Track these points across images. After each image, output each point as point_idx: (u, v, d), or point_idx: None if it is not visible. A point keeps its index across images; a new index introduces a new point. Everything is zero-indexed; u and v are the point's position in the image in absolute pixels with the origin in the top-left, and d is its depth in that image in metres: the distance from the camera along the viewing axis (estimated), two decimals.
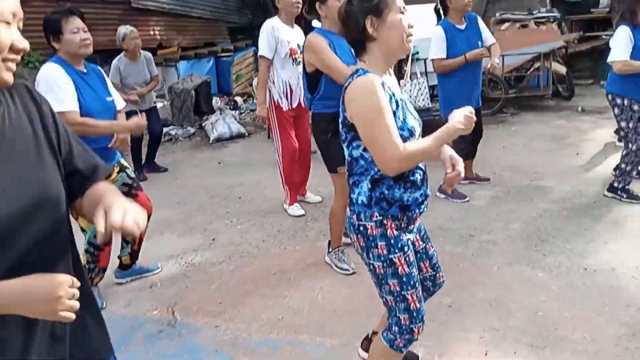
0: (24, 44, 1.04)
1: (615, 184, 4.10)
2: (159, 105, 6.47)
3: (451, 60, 4.02)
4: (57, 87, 2.63)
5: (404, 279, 1.80)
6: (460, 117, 1.72)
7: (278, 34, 3.90)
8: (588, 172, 4.80)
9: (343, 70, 2.77)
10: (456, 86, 4.10)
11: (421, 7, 6.22)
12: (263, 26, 4.00)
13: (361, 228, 1.80)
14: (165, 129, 6.79)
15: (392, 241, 1.77)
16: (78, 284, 1.03)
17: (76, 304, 1.01)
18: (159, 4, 9.39)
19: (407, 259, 1.80)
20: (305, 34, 3.56)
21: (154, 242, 3.73)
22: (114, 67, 5.22)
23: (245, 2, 11.16)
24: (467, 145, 4.27)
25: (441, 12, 4.24)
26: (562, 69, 7.69)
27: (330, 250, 3.35)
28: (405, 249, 1.80)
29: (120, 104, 3.02)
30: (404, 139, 1.68)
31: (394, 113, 1.69)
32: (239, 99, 8.79)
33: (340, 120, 1.80)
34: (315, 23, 3.26)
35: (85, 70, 2.82)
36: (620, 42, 3.75)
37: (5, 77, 1.03)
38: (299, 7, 3.91)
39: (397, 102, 1.73)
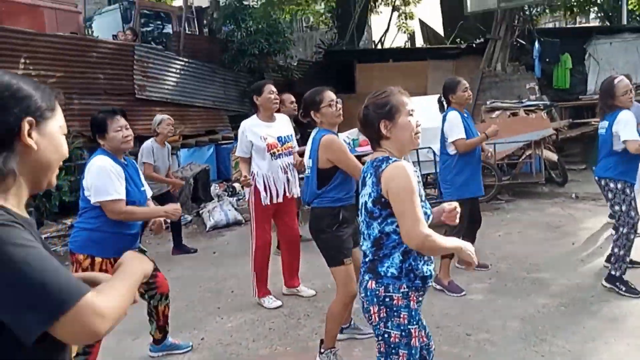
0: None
1: (612, 272, 4.04)
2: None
3: (475, 139, 4.23)
4: (107, 177, 2.87)
5: (413, 351, 2.00)
6: (471, 250, 2.03)
7: (249, 135, 4.10)
8: (584, 264, 4.74)
9: (361, 169, 2.93)
10: (471, 170, 4.27)
11: (420, 98, 6.48)
12: (240, 128, 4.23)
13: (387, 299, 1.99)
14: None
15: (413, 313, 2.00)
16: None
17: None
18: (162, 95, 9.76)
19: (419, 333, 2.03)
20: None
21: (142, 342, 3.63)
22: (148, 149, 5.41)
23: (246, 92, 11.58)
24: (466, 232, 4.32)
25: (444, 103, 4.44)
26: (554, 156, 7.84)
27: (323, 351, 3.23)
28: (420, 323, 2.04)
29: (149, 192, 3.25)
30: None
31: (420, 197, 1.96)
32: (237, 185, 8.86)
33: (371, 200, 2.01)
34: None
35: (125, 162, 3.06)
36: (629, 124, 3.78)
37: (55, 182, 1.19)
38: (277, 103, 4.18)
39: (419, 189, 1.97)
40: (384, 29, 18.93)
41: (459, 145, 4.19)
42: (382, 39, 18.88)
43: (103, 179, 2.86)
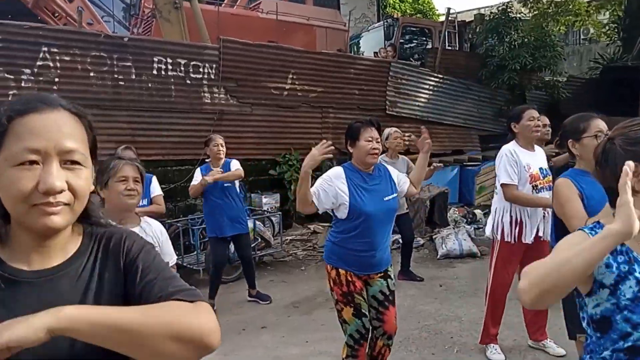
0: (48, 184, 0.89)
1: None
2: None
3: None
4: (326, 185, 2.85)
5: None
6: None
7: (517, 159, 3.51)
8: None
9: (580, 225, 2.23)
10: None
11: None
12: (500, 152, 3.66)
13: None
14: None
15: None
16: None
17: None
18: (412, 112, 9.70)
19: None
20: None
21: None
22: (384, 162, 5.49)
23: (502, 110, 10.72)
24: None
25: None
26: None
27: None
28: None
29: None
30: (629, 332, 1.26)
31: (623, 288, 1.26)
32: (478, 212, 8.22)
33: None
34: None
35: (371, 172, 2.97)
36: None
37: (46, 223, 0.90)
38: (537, 131, 3.59)
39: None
40: None
41: None
42: None
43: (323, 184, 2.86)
